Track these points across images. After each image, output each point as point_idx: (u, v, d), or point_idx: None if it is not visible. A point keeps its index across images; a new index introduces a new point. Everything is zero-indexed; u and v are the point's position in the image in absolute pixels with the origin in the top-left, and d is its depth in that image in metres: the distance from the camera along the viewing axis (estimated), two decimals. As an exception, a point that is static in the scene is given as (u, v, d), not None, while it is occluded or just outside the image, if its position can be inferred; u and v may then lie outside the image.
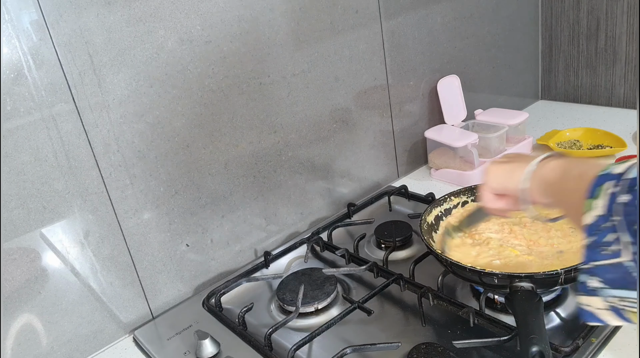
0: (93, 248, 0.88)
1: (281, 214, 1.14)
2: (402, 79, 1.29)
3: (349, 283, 0.98)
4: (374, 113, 1.26)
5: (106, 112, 0.85)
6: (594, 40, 1.53)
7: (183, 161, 0.96)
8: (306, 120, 1.13)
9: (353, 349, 0.79)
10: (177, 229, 0.98)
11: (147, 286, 0.96)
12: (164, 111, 0.91)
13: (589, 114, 1.55)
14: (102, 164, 0.86)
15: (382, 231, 1.08)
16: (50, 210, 0.83)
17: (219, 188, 1.02)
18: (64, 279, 0.86)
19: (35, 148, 0.79)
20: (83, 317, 0.89)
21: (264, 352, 0.82)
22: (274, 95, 1.06)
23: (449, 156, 1.29)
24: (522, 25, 1.59)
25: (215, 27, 0.94)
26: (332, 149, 1.20)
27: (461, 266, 0.78)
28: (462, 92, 1.37)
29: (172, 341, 0.89)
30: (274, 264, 1.06)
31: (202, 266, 1.03)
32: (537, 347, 0.64)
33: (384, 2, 1.20)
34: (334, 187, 1.23)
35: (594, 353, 0.73)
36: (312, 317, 0.90)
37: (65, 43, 0.79)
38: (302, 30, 1.07)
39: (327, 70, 1.13)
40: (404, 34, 1.26)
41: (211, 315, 0.93)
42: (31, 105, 0.78)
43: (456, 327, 0.82)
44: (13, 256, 0.81)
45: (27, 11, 0.75)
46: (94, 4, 0.81)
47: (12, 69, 0.75)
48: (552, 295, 0.83)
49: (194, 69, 0.93)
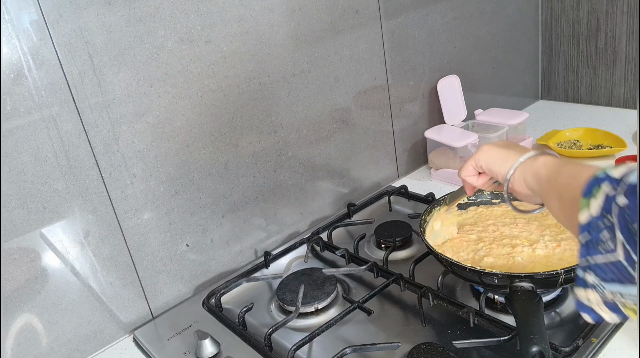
0: (93, 248, 0.88)
1: (281, 214, 1.14)
2: (402, 79, 1.29)
3: (349, 283, 0.98)
4: (374, 113, 1.26)
5: (106, 112, 0.85)
6: (594, 40, 1.53)
7: (183, 161, 0.96)
8: (306, 120, 1.13)
9: (353, 349, 0.79)
10: (177, 229, 0.98)
11: (147, 286, 0.96)
12: (164, 111, 0.91)
13: (589, 114, 1.55)
14: (102, 164, 0.86)
15: (382, 231, 1.08)
16: (50, 210, 0.83)
17: (219, 188, 1.02)
18: (64, 279, 0.86)
19: (35, 148, 0.79)
20: (83, 317, 0.89)
21: (264, 352, 0.82)
22: (274, 95, 1.06)
23: (449, 156, 1.29)
24: (522, 25, 1.59)
25: (215, 27, 0.94)
26: (332, 149, 1.20)
27: (461, 266, 0.78)
28: (462, 92, 1.37)
29: (172, 341, 0.89)
30: (274, 264, 1.06)
31: (202, 266, 1.03)
32: (537, 347, 0.64)
33: (384, 2, 1.20)
34: (334, 187, 1.23)
35: (594, 353, 0.73)
36: (312, 317, 0.90)
37: (65, 43, 0.79)
38: (302, 30, 1.07)
39: (327, 70, 1.13)
40: (404, 34, 1.26)
41: (211, 315, 0.93)
42: (31, 105, 0.78)
43: (456, 327, 0.82)
44: (13, 256, 0.81)
45: (27, 11, 0.75)
46: (94, 4, 0.81)
47: (12, 69, 0.75)
48: (552, 295, 0.83)
49: (194, 69, 0.93)
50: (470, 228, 0.93)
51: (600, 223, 0.48)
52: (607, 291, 0.49)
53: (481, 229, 0.92)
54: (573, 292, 0.53)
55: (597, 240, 0.48)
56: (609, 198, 0.48)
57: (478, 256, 0.85)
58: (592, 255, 0.49)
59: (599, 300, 0.49)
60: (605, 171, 0.50)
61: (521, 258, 0.82)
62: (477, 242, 0.89)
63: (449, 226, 0.94)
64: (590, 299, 0.50)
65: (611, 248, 0.47)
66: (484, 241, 0.88)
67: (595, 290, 0.49)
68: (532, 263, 0.81)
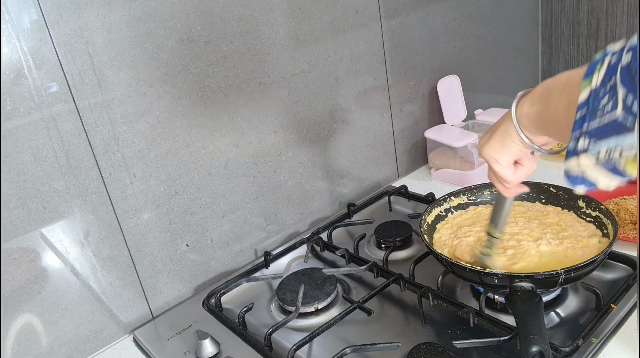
0: (93, 248, 0.88)
1: (281, 214, 1.14)
2: (402, 79, 1.29)
3: (349, 283, 0.98)
4: (374, 113, 1.26)
5: (106, 112, 0.85)
6: (594, 40, 1.53)
7: (183, 161, 0.96)
8: (306, 120, 1.13)
9: (353, 349, 0.79)
10: (177, 229, 0.98)
11: (147, 286, 0.96)
12: (164, 111, 0.91)
13: (589, 114, 1.55)
14: (102, 164, 0.86)
15: (382, 231, 1.08)
16: (50, 210, 0.83)
17: (219, 188, 1.02)
18: (64, 279, 0.86)
19: (35, 148, 0.79)
20: (83, 317, 0.89)
21: (264, 352, 0.82)
22: (274, 95, 1.06)
23: (449, 156, 1.29)
24: (522, 25, 1.59)
25: (215, 27, 0.94)
26: (332, 149, 1.20)
27: (461, 266, 0.78)
28: (462, 92, 1.37)
29: (172, 341, 0.89)
30: (274, 264, 1.06)
31: (202, 266, 1.03)
32: (537, 347, 0.64)
33: (384, 2, 1.20)
34: (334, 187, 1.23)
35: (594, 353, 0.73)
36: (312, 317, 0.90)
37: (65, 43, 0.79)
38: (302, 30, 1.07)
39: (327, 70, 1.13)
40: (404, 34, 1.26)
41: (211, 315, 0.93)
42: (31, 105, 0.78)
43: (456, 327, 0.82)
44: (13, 256, 0.81)
45: (27, 11, 0.75)
46: (94, 4, 0.81)
47: (12, 69, 0.75)
48: (552, 295, 0.83)
49: (194, 69, 0.93)
50: (467, 230, 0.93)
51: (601, 91, 0.46)
52: (602, 150, 0.47)
53: (479, 229, 0.92)
54: (564, 165, 0.50)
55: (596, 108, 0.47)
56: (611, 66, 0.46)
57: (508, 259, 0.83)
58: (588, 122, 0.47)
59: (592, 164, 0.48)
60: (603, 51, 0.48)
61: (534, 251, 0.82)
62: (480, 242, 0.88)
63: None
64: (581, 164, 0.48)
65: (609, 109, 0.45)
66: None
67: (588, 154, 0.47)
68: (543, 258, 0.81)
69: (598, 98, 0.47)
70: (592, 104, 0.47)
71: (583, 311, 0.81)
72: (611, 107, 0.45)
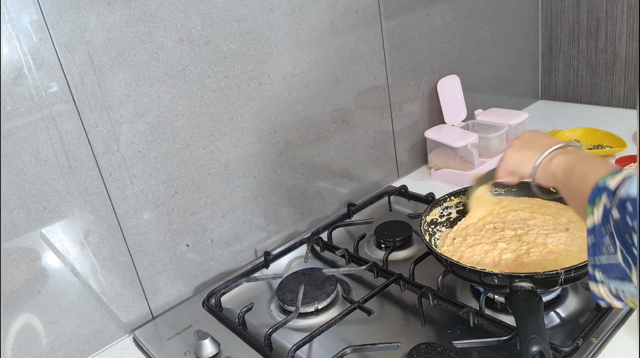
0: (93, 248, 0.88)
1: (281, 214, 1.14)
2: (402, 79, 1.29)
3: (349, 283, 0.98)
4: (374, 113, 1.26)
5: (106, 112, 0.85)
6: (594, 40, 1.53)
7: (183, 161, 0.96)
8: (306, 120, 1.13)
9: (353, 349, 0.79)
10: (177, 229, 0.98)
11: (147, 286, 0.96)
12: (164, 111, 0.91)
13: (589, 114, 1.55)
14: (102, 164, 0.86)
15: (382, 231, 1.08)
16: (50, 210, 0.83)
17: (219, 188, 1.02)
18: (64, 279, 0.86)
19: (35, 148, 0.79)
20: (83, 317, 0.89)
21: (264, 352, 0.82)
22: (274, 95, 1.06)
23: (449, 156, 1.29)
24: (522, 25, 1.59)
25: (215, 27, 0.94)
26: (332, 149, 1.20)
27: (461, 266, 0.78)
28: (462, 92, 1.37)
29: (172, 341, 0.89)
30: (274, 264, 1.06)
31: (202, 266, 1.03)
32: (537, 347, 0.64)
33: (384, 2, 1.20)
34: (334, 187, 1.23)
35: (594, 353, 0.73)
36: (312, 317, 0.90)
37: (65, 43, 0.79)
38: (302, 30, 1.07)
39: (327, 70, 1.13)
40: (404, 34, 1.26)
41: (211, 315, 0.93)
42: (31, 105, 0.78)
43: (456, 327, 0.82)
44: (13, 256, 0.81)
45: (27, 11, 0.75)
46: (94, 4, 0.81)
47: (12, 69, 0.75)
48: (552, 295, 0.83)
49: (194, 69, 0.93)
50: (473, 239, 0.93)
51: (602, 229, 0.54)
52: (611, 286, 0.55)
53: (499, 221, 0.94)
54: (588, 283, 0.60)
55: (601, 243, 0.54)
56: (606, 210, 0.53)
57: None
58: (597, 255, 0.55)
59: (607, 292, 0.56)
60: (605, 179, 0.54)
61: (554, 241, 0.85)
62: (517, 238, 0.89)
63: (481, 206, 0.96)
64: (600, 291, 0.57)
65: (612, 251, 0.53)
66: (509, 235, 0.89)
67: (603, 285, 0.56)
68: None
69: (601, 235, 0.54)
70: (597, 238, 0.55)
71: (583, 311, 0.81)
72: (613, 250, 0.52)
